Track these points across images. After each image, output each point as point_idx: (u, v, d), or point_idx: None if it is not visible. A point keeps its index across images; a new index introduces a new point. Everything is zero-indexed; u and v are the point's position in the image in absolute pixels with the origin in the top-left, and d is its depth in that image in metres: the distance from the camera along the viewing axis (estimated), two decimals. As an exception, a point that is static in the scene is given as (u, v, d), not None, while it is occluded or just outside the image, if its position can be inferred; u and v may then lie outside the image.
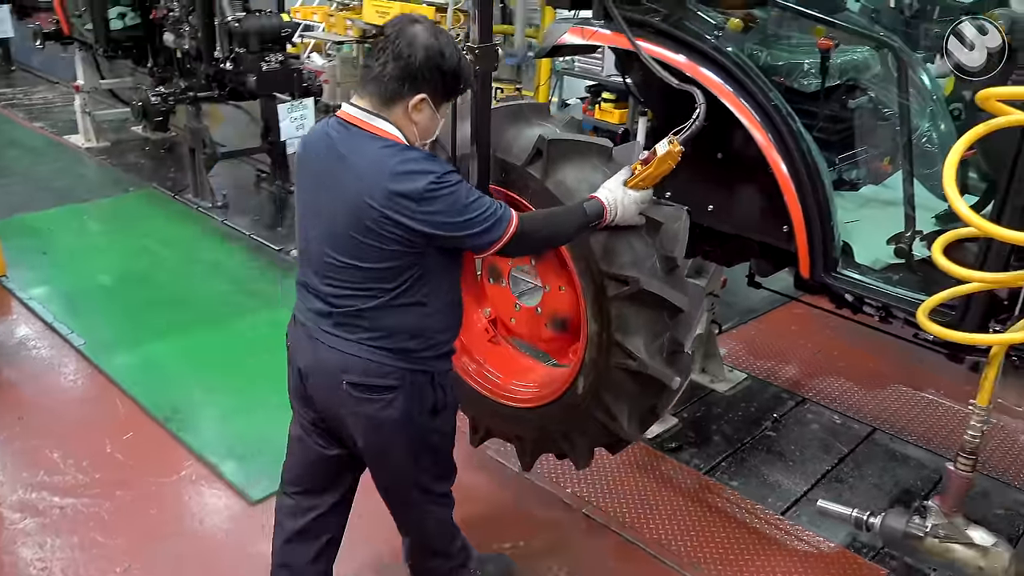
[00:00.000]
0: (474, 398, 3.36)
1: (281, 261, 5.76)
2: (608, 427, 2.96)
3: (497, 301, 3.32)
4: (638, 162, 2.61)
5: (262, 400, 4.13)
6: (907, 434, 4.07)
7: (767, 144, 2.98)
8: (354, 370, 2.29)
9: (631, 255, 2.70)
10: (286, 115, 6.55)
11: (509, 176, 2.84)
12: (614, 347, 2.80)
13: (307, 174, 2.32)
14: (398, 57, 2.16)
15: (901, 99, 3.08)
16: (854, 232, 3.19)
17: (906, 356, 4.53)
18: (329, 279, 2.29)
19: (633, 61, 3.33)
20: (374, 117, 2.20)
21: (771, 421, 4.12)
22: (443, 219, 2.14)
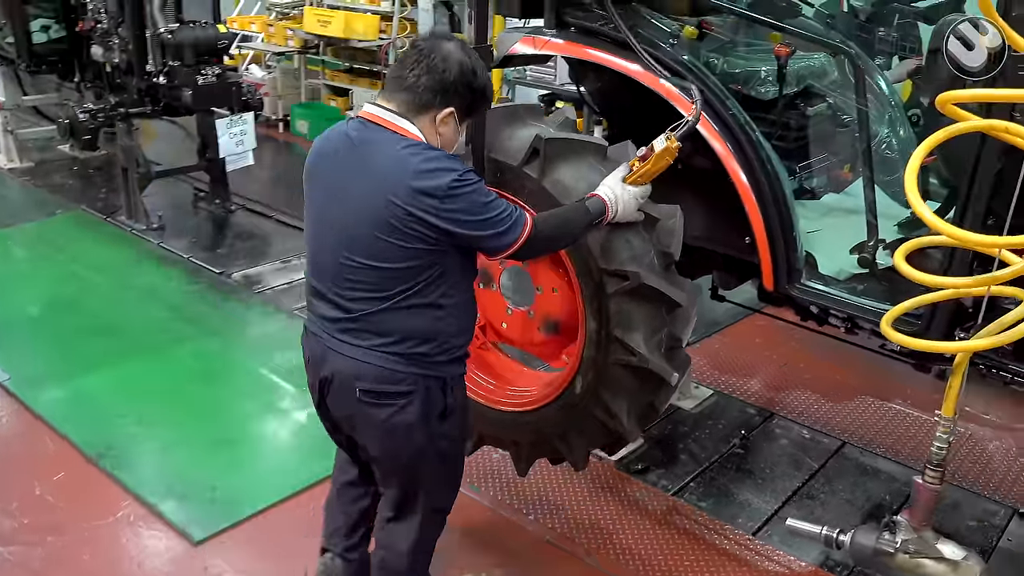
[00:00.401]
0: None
1: (221, 284, 5.69)
2: (607, 425, 3.04)
3: (487, 306, 3.38)
4: (635, 159, 2.71)
5: (203, 433, 4.06)
6: (877, 446, 4.14)
7: (726, 154, 3.04)
8: (367, 377, 2.37)
9: (629, 251, 2.80)
10: (224, 131, 6.50)
11: (505, 177, 2.91)
12: (614, 344, 2.89)
13: (322, 177, 2.40)
14: (432, 70, 2.30)
15: (859, 105, 3.17)
16: (817, 242, 3.26)
17: (873, 367, 4.62)
18: (344, 283, 2.35)
19: (588, 70, 3.38)
20: (400, 119, 2.32)
21: (739, 438, 4.16)
22: (464, 217, 2.25)
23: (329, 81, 9.67)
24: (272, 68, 9.85)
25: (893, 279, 2.96)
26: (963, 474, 3.96)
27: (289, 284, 5.70)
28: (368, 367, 2.37)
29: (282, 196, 7.46)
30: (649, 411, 3.12)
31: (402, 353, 2.37)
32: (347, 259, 2.32)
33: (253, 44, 9.61)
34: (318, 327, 2.46)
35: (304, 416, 4.27)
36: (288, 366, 4.67)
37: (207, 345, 4.88)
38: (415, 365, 2.39)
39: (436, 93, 2.31)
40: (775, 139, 3.28)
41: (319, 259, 2.42)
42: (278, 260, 6.08)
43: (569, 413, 3.10)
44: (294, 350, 4.84)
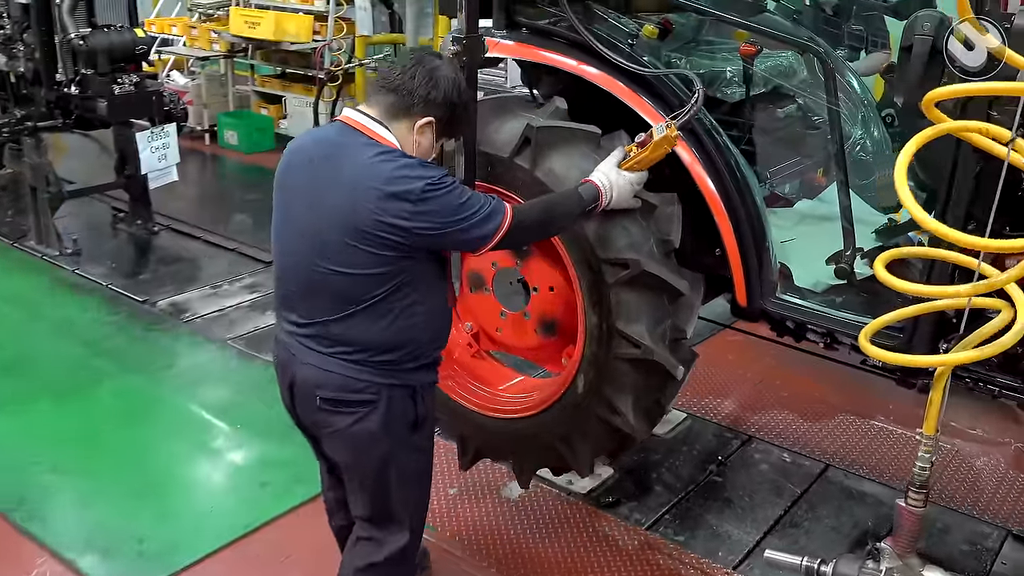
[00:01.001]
0: (462, 416, 3.50)
1: (144, 314, 5.60)
2: (613, 424, 3.16)
3: (480, 312, 3.47)
4: (634, 144, 2.86)
5: (127, 481, 3.98)
6: (861, 468, 4.19)
7: (691, 160, 3.07)
8: (328, 385, 2.51)
9: (627, 238, 2.92)
10: (146, 144, 6.41)
11: (495, 170, 3.03)
12: (615, 337, 3.01)
13: (294, 182, 2.53)
14: (419, 77, 2.48)
15: (831, 105, 3.21)
16: (791, 252, 3.30)
17: (853, 382, 4.69)
18: (313, 289, 2.48)
19: (542, 73, 3.39)
20: (378, 125, 2.47)
21: (716, 464, 4.19)
22: (439, 218, 2.38)
23: (259, 87, 9.62)
24: (196, 74, 9.76)
25: (873, 290, 3.01)
26: (951, 494, 4.02)
27: (220, 311, 5.64)
28: (329, 375, 2.50)
29: (210, 214, 7.40)
30: (655, 407, 3.25)
31: (366, 361, 2.48)
32: (317, 266, 2.44)
33: (174, 49, 9.52)
34: (285, 335, 2.60)
35: (240, 456, 4.22)
36: (221, 402, 4.60)
37: (129, 382, 4.80)
38: (380, 373, 2.50)
39: (420, 100, 2.46)
40: (743, 143, 3.33)
41: (287, 265, 2.55)
42: (207, 285, 6.01)
43: (572, 415, 3.20)
44: (227, 384, 4.91)
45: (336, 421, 2.55)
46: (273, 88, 9.51)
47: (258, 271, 6.23)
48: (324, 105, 8.68)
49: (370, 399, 2.51)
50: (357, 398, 2.50)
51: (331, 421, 2.56)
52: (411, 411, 2.59)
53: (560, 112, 3.13)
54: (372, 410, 2.51)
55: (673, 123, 2.79)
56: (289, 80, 9.41)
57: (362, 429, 2.53)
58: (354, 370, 2.49)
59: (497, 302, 3.40)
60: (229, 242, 6.72)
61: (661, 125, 2.81)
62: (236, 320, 5.53)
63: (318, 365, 2.51)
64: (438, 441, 3.29)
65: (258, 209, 7.68)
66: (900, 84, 3.34)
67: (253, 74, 9.70)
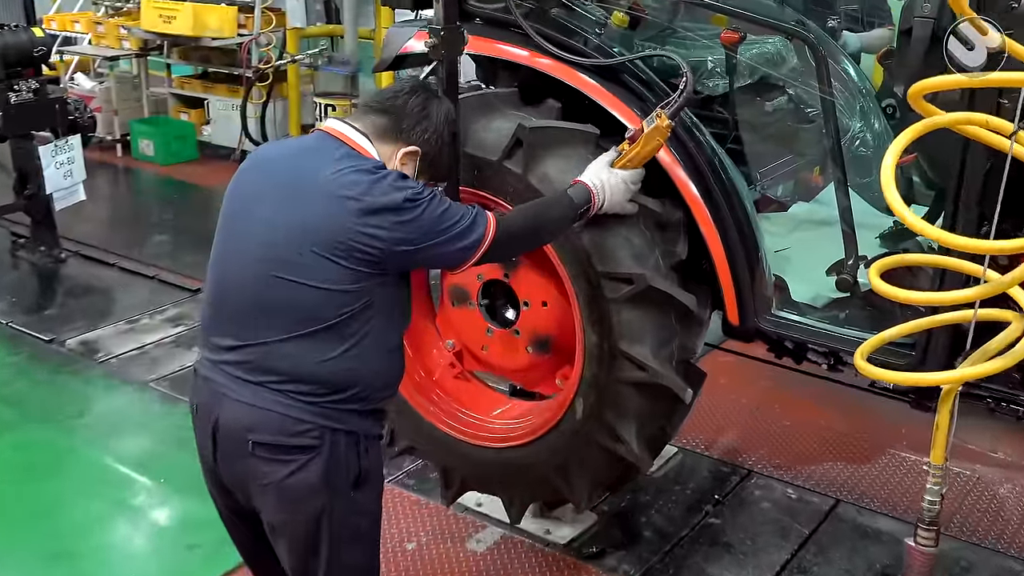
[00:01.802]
0: (447, 445, 3.52)
1: (50, 354, 5.51)
2: (614, 453, 3.20)
3: (464, 328, 3.51)
4: (625, 141, 2.91)
5: (33, 545, 3.90)
6: (873, 501, 4.22)
7: (671, 162, 3.09)
8: (264, 428, 2.46)
9: (630, 250, 2.97)
10: (50, 160, 6.34)
11: (483, 174, 3.08)
12: (618, 358, 3.04)
13: (254, 185, 2.58)
14: (417, 105, 2.63)
15: (824, 96, 3.26)
16: (787, 263, 3.34)
17: (860, 406, 4.72)
18: (262, 305, 2.47)
19: (499, 68, 3.40)
20: (364, 138, 2.57)
21: (712, 504, 4.18)
22: (419, 232, 2.46)
23: (178, 90, 9.57)
24: (104, 77, 9.67)
25: (880, 303, 3.04)
26: (972, 527, 4.05)
27: (140, 349, 5.57)
28: (265, 415, 2.46)
29: (124, 237, 7.32)
30: (660, 435, 3.33)
31: (310, 399, 2.46)
32: (275, 276, 2.45)
33: (78, 48, 9.44)
34: (210, 367, 2.55)
35: (164, 515, 4.17)
36: (141, 453, 4.55)
37: (33, 433, 4.72)
38: (323, 414, 2.47)
39: (409, 127, 2.60)
40: (729, 142, 3.36)
41: (229, 278, 2.54)
42: (123, 320, 5.94)
43: (569, 443, 3.23)
44: (148, 433, 4.85)
45: (270, 471, 2.49)
46: (194, 90, 9.45)
47: (183, 301, 6.17)
48: (253, 108, 8.68)
49: (312, 444, 2.47)
50: (297, 443, 2.47)
51: (264, 472, 2.50)
52: (355, 463, 2.55)
53: (553, 109, 3.17)
54: (313, 457, 2.48)
55: (663, 112, 2.83)
56: (212, 81, 9.36)
57: (300, 481, 2.48)
58: (295, 408, 2.46)
59: (483, 318, 3.43)
60: (148, 268, 6.65)
61: (651, 116, 2.86)
62: (158, 359, 5.46)
63: (251, 402, 2.47)
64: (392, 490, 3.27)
65: (180, 229, 7.62)
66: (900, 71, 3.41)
67: (170, 75, 9.64)
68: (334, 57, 8.83)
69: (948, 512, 4.01)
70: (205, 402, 2.56)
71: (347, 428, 2.51)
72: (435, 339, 3.66)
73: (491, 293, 3.44)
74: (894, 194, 2.31)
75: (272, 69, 8.48)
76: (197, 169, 9.11)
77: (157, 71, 9.74)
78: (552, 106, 3.19)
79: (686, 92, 2.86)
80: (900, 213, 2.33)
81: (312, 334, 2.44)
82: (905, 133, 2.37)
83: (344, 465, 2.52)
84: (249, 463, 2.49)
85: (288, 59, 8.49)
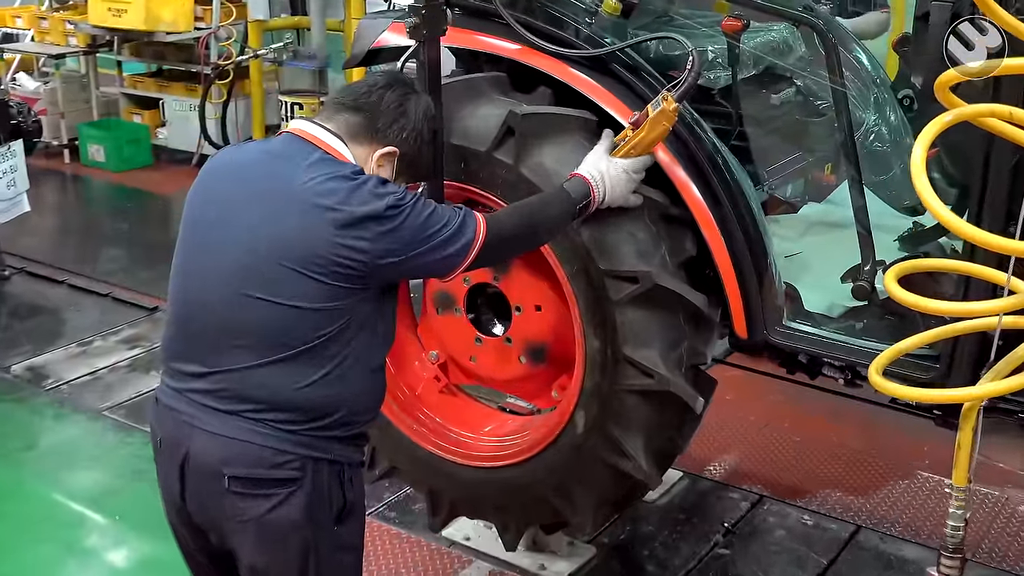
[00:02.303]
0: (433, 467, 3.51)
1: (-5, 383, 5.49)
2: (619, 469, 3.20)
3: (449, 337, 3.51)
4: (628, 127, 2.90)
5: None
6: (897, 526, 4.21)
7: (669, 161, 3.08)
8: (240, 461, 2.44)
9: (634, 246, 2.97)
10: (-10, 169, 6.28)
11: (470, 167, 3.08)
12: (622, 365, 3.05)
13: (219, 194, 2.56)
14: (389, 101, 2.60)
15: (836, 87, 3.25)
16: (799, 269, 3.32)
17: (877, 422, 4.72)
18: (228, 327, 2.45)
19: (482, 62, 3.39)
20: (336, 140, 2.54)
21: (721, 534, 4.16)
22: (404, 241, 2.44)
23: (130, 90, 9.54)
24: (49, 76, 9.62)
25: (900, 312, 3.03)
26: (1002, 553, 4.04)
27: (92, 374, 5.54)
28: (240, 446, 2.43)
29: (74, 252, 7.30)
30: (670, 448, 3.34)
31: (288, 426, 2.44)
32: (246, 295, 2.42)
33: (20, 46, 9.38)
34: (174, 396, 2.52)
35: (120, 557, 4.14)
36: (95, 488, 4.52)
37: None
38: (304, 443, 2.46)
39: (385, 126, 2.58)
40: (733, 138, 3.35)
41: (194, 296, 2.51)
42: (74, 343, 5.92)
43: (569, 459, 3.23)
44: (102, 466, 4.81)
45: (248, 508, 2.46)
46: (147, 90, 9.42)
47: (139, 321, 6.15)
48: (212, 108, 8.65)
49: (293, 476, 2.45)
50: (277, 475, 2.45)
51: (241, 508, 2.47)
52: (339, 495, 2.54)
53: (545, 95, 3.17)
54: (295, 491, 2.46)
55: (670, 95, 2.82)
56: (167, 79, 9.33)
57: (281, 516, 2.46)
58: (273, 438, 2.43)
59: (471, 325, 3.43)
60: (100, 285, 6.62)
61: (657, 99, 2.84)
62: (113, 385, 5.44)
63: (224, 433, 2.44)
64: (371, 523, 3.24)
65: (135, 242, 7.59)
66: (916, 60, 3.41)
67: (121, 73, 9.60)
68: (300, 51, 8.80)
69: (975, 537, 4.03)
70: (170, 435, 2.52)
71: (330, 457, 2.50)
72: (417, 350, 3.64)
73: (479, 298, 3.42)
74: (927, 187, 2.29)
75: (233, 65, 8.45)
76: (152, 176, 9.09)
77: (107, 69, 9.70)
78: (544, 92, 3.19)
79: (693, 73, 2.85)
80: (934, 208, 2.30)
81: (290, 358, 2.43)
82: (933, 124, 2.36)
83: (328, 497, 2.51)
84: (224, 500, 2.46)
85: (250, 54, 8.46)
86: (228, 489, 2.45)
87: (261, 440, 2.43)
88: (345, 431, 2.53)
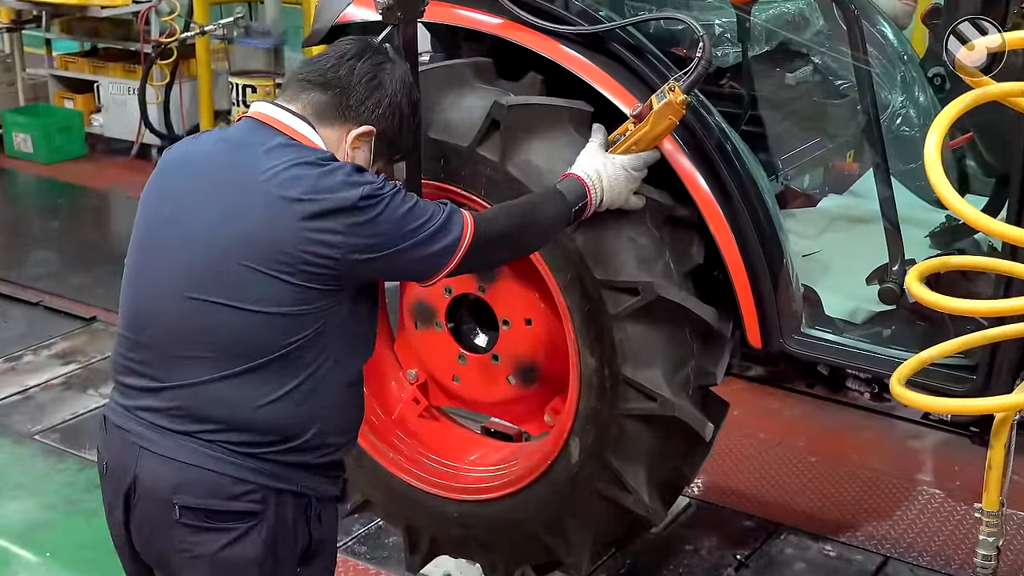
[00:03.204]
0: (409, 500, 3.51)
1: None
2: (619, 503, 3.18)
3: (429, 355, 3.50)
4: (629, 120, 2.90)
5: None
6: (926, 555, 4.22)
7: (674, 149, 3.07)
8: (192, 489, 2.41)
9: (634, 253, 2.96)
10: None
11: (451, 165, 3.06)
12: (622, 386, 3.02)
13: (177, 191, 2.54)
14: (360, 74, 2.57)
15: (858, 64, 3.25)
16: (819, 270, 3.33)
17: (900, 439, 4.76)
18: (186, 336, 2.43)
19: (460, 40, 3.38)
20: (302, 123, 2.53)
21: (735, 568, 4.17)
22: (380, 236, 2.43)
23: (60, 71, 9.48)
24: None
25: (932, 317, 3.03)
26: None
27: (23, 394, 5.52)
28: (194, 472, 2.41)
29: (-1, 254, 7.26)
30: (675, 480, 3.33)
31: (248, 449, 2.42)
32: (199, 300, 2.41)
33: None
34: (123, 415, 2.51)
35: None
36: (22, 520, 4.50)
37: None
38: (265, 472, 2.44)
39: (359, 102, 2.56)
40: (744, 123, 3.35)
41: (147, 304, 2.50)
42: (1, 358, 5.89)
43: (563, 493, 3.21)
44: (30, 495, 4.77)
45: (200, 542, 2.44)
46: (80, 71, 9.36)
47: (74, 332, 6.12)
48: (154, 91, 8.61)
49: (252, 510, 2.44)
50: (235, 507, 2.43)
51: (192, 543, 2.44)
52: (303, 532, 2.52)
53: (535, 83, 3.16)
54: (254, 525, 2.44)
55: (678, 86, 2.81)
56: (103, 59, 9.28)
57: (237, 555, 2.44)
58: (232, 465, 2.42)
59: (453, 341, 3.42)
60: (28, 293, 6.59)
61: (662, 90, 2.83)
62: (44, 405, 5.41)
63: (176, 456, 2.42)
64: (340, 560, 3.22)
65: (69, 242, 7.55)
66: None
67: (50, 52, 9.55)
68: (252, 27, 8.76)
69: (1013, 567, 4.05)
70: (117, 457, 2.51)
71: (295, 488, 2.49)
72: (394, 369, 3.64)
73: (463, 311, 3.42)
74: (940, 175, 2.30)
75: (177, 43, 8.40)
76: (86, 168, 9.06)
77: (34, 48, 9.65)
78: (534, 80, 3.17)
79: (704, 61, 2.84)
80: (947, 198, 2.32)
81: (253, 370, 2.42)
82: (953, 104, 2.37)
83: (291, 534, 2.50)
84: (173, 532, 2.44)
85: (196, 31, 8.40)
86: (178, 520, 2.43)
87: (217, 466, 2.41)
88: (315, 456, 2.51)
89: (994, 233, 2.47)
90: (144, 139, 8.78)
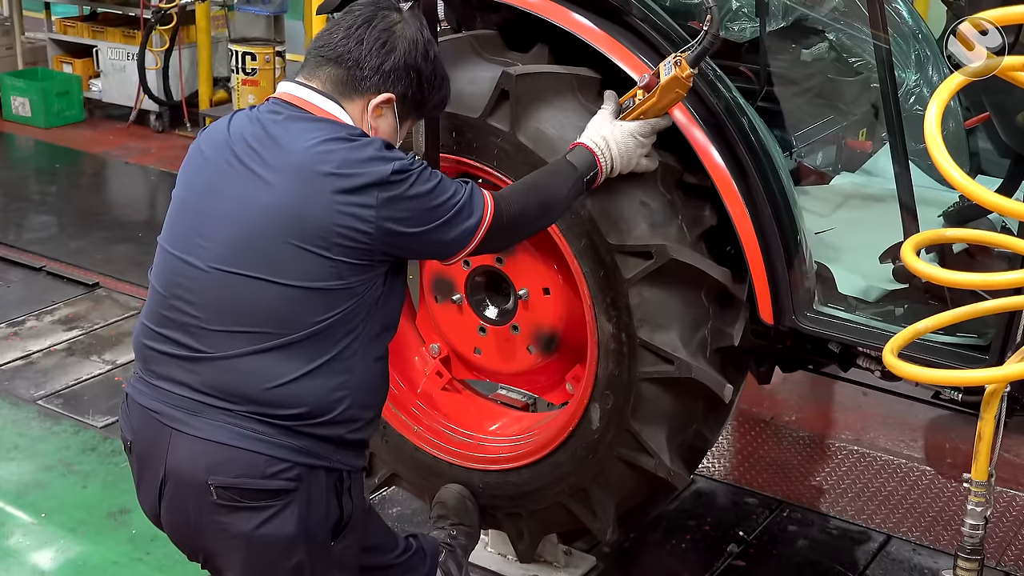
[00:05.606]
0: (435, 471, 3.57)
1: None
2: (642, 467, 3.22)
3: (450, 328, 3.55)
4: (637, 88, 2.91)
5: None
6: (930, 535, 4.23)
7: (688, 122, 3.07)
8: (227, 469, 2.44)
9: (647, 216, 2.98)
10: None
11: (464, 137, 3.10)
12: (639, 350, 3.07)
13: (211, 166, 2.58)
14: (371, 41, 2.58)
15: (875, 42, 3.23)
16: (832, 247, 3.32)
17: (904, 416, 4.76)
18: (220, 309, 2.46)
19: (474, 10, 3.38)
20: (326, 100, 2.57)
21: (737, 544, 4.17)
22: (410, 212, 2.47)
23: (59, 35, 9.43)
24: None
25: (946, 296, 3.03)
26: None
27: (25, 358, 5.53)
28: (227, 452, 2.44)
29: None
30: (697, 443, 3.38)
31: (283, 423, 2.45)
32: (235, 274, 2.45)
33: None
34: (150, 395, 2.53)
35: (47, 559, 4.12)
36: (17, 481, 4.51)
37: None
38: (300, 449, 2.48)
39: (373, 71, 2.57)
40: (759, 98, 3.35)
41: (178, 276, 2.52)
42: (3, 322, 5.89)
43: (585, 459, 3.26)
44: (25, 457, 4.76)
45: (234, 522, 2.48)
46: (79, 35, 9.30)
47: (77, 298, 6.12)
48: (152, 57, 8.58)
49: (286, 487, 2.47)
50: (270, 486, 2.46)
51: (227, 523, 2.49)
52: (335, 507, 2.57)
53: (542, 53, 3.17)
54: (288, 503, 2.48)
55: (683, 58, 2.80)
56: (102, 23, 9.22)
57: (272, 532, 2.48)
58: (266, 443, 2.45)
59: (474, 314, 3.46)
60: (30, 258, 6.58)
61: (668, 62, 2.83)
62: (48, 370, 5.42)
63: (209, 436, 2.45)
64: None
65: (70, 208, 7.53)
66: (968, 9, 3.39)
67: (49, 16, 9.50)
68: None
69: (1001, 541, 4.12)
70: (146, 440, 2.54)
71: (327, 464, 2.52)
72: (417, 343, 3.68)
73: (481, 282, 3.44)
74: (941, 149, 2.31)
75: (176, 9, 8.37)
76: (85, 133, 9.03)
77: (33, 12, 9.60)
78: (542, 50, 3.18)
79: (711, 34, 2.83)
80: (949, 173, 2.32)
81: (289, 344, 2.45)
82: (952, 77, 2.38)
83: (324, 510, 2.54)
84: (208, 513, 2.48)
85: (197, -6, 8.39)
86: (213, 501, 2.46)
87: (251, 445, 2.45)
88: (347, 430, 2.55)
89: (992, 205, 2.46)
90: (142, 105, 8.79)
